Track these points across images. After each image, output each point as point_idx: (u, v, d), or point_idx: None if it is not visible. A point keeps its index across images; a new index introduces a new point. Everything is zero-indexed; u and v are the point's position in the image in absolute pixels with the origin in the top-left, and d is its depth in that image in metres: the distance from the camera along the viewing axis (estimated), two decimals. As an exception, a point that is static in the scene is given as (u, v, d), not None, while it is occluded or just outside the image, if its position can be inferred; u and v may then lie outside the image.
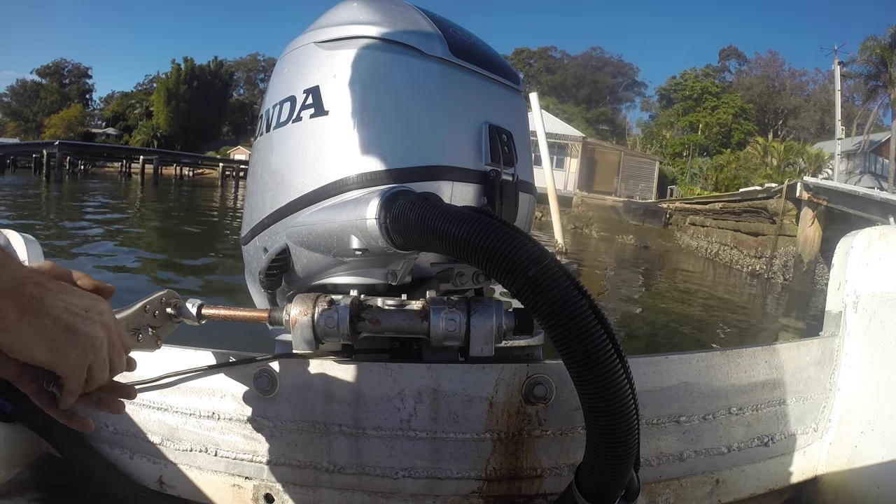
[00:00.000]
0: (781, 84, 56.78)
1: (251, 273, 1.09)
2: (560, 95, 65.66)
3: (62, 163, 29.79)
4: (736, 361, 1.07)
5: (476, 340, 0.87)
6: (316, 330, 0.87)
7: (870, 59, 28.83)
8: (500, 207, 0.95)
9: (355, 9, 0.95)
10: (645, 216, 21.28)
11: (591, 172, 30.91)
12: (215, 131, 65.31)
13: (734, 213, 14.85)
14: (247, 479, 1.03)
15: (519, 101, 1.08)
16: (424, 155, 0.89)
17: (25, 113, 70.45)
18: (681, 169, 40.53)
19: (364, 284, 0.93)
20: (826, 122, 42.25)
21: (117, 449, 1.08)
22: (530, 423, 0.98)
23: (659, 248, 17.87)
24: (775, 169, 28.15)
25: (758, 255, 13.14)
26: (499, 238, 0.70)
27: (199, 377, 1.02)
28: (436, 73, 0.91)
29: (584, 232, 20.82)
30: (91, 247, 8.58)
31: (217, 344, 1.05)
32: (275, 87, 1.01)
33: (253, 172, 1.04)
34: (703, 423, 1.05)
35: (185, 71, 59.82)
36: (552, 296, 0.67)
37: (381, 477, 0.99)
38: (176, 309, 0.84)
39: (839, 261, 1.20)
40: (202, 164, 47.02)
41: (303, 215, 0.91)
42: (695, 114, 52.33)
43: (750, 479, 1.11)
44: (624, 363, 0.70)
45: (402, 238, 0.79)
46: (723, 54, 65.70)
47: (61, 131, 56.83)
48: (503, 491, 1.00)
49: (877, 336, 1.15)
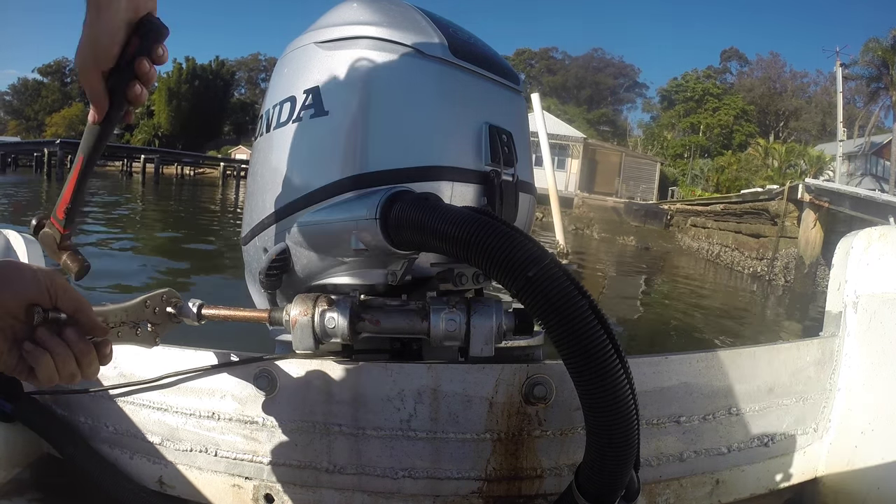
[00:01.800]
0: (783, 86, 56.79)
1: (251, 273, 1.09)
2: (561, 96, 65.67)
3: (63, 161, 29.76)
4: (736, 361, 1.07)
5: (476, 341, 0.87)
6: (316, 330, 0.87)
7: (871, 61, 28.84)
8: (500, 208, 0.95)
9: (355, 9, 0.95)
10: (646, 217, 21.28)
11: (593, 173, 30.93)
12: (216, 131, 65.34)
13: (735, 215, 14.85)
14: (247, 479, 1.03)
15: (519, 102, 1.08)
16: (424, 155, 0.89)
17: (27, 111, 70.59)
18: (682, 170, 40.57)
19: (364, 284, 0.93)
20: (827, 123, 42.19)
21: (117, 449, 1.08)
22: (530, 423, 0.98)
23: (660, 250, 17.85)
24: (776, 171, 28.12)
25: (759, 256, 13.14)
26: (499, 238, 0.70)
27: (199, 377, 1.02)
28: (436, 74, 0.91)
29: (584, 233, 20.81)
30: (91, 246, 8.58)
31: (217, 344, 1.05)
32: (275, 87, 1.01)
33: (253, 172, 1.04)
34: (703, 424, 1.05)
35: (187, 70, 59.82)
36: (552, 296, 0.67)
37: (381, 477, 0.99)
38: (176, 308, 0.84)
39: (839, 261, 1.20)
40: (203, 163, 47.01)
41: (303, 215, 0.91)
42: (696, 115, 52.36)
43: (750, 480, 1.11)
44: (624, 363, 0.70)
45: (402, 238, 0.79)
46: (724, 56, 65.82)
47: (62, 130, 56.98)
48: (503, 491, 1.00)
49: (877, 336, 1.15)
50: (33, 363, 0.58)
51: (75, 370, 0.61)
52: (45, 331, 0.59)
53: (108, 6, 0.67)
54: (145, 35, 0.70)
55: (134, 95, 0.72)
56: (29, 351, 0.58)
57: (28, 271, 0.60)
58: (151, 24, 0.70)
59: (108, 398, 1.06)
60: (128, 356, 1.04)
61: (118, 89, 0.71)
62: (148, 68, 0.71)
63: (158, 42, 0.71)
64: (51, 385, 0.60)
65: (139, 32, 0.70)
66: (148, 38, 0.70)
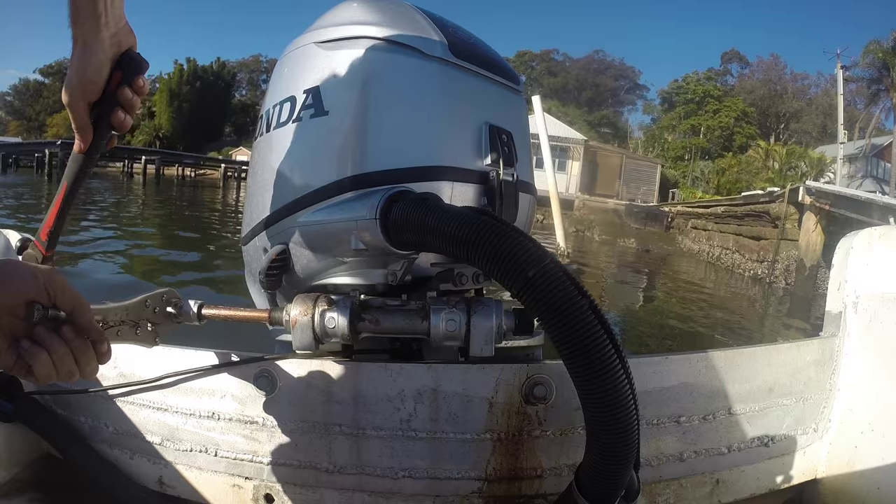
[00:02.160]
0: (783, 87, 56.79)
1: (251, 273, 1.09)
2: (562, 98, 65.66)
3: (64, 162, 29.76)
4: (736, 361, 1.07)
5: (476, 341, 0.87)
6: (316, 330, 0.87)
7: (872, 62, 28.88)
8: (500, 208, 0.95)
9: (355, 9, 0.95)
10: (647, 219, 21.26)
11: (593, 175, 30.92)
12: (217, 132, 65.32)
13: (736, 217, 14.83)
14: (247, 480, 1.03)
15: (519, 102, 1.08)
16: (424, 155, 0.89)
17: (28, 112, 70.70)
18: (682, 172, 40.56)
19: (364, 284, 0.93)
20: (828, 125, 42.18)
21: (117, 449, 1.08)
22: (530, 423, 0.98)
23: (660, 252, 17.84)
24: (777, 173, 28.10)
25: (760, 259, 13.12)
26: (499, 238, 0.70)
27: (199, 377, 1.02)
28: (436, 74, 0.91)
29: (585, 235, 20.80)
30: (92, 246, 8.58)
31: (217, 344, 1.05)
32: (275, 87, 1.01)
33: (253, 172, 1.04)
34: (703, 424, 1.05)
35: (188, 71, 59.83)
36: (552, 296, 0.67)
37: (381, 477, 0.99)
38: (176, 308, 0.84)
39: (839, 261, 1.20)
40: (204, 164, 47.00)
41: (303, 215, 0.91)
42: (697, 117, 52.28)
43: (750, 480, 1.11)
44: (624, 363, 0.70)
45: (403, 238, 0.79)
46: (725, 58, 65.73)
47: (63, 131, 56.83)
48: (503, 491, 1.00)
49: (877, 336, 1.15)
50: (31, 360, 0.58)
51: (73, 368, 0.61)
52: (43, 329, 0.59)
53: (93, 42, 0.74)
54: (127, 68, 0.77)
55: (118, 122, 0.79)
56: (26, 348, 0.58)
57: (26, 269, 0.60)
58: (132, 58, 0.78)
59: (108, 398, 1.06)
60: (128, 356, 1.04)
61: (103, 119, 0.78)
62: (130, 96, 0.79)
63: (139, 74, 0.79)
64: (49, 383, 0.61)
65: (121, 66, 0.77)
66: (130, 71, 0.78)
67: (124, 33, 0.78)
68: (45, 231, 0.87)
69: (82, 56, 0.75)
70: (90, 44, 0.74)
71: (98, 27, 0.74)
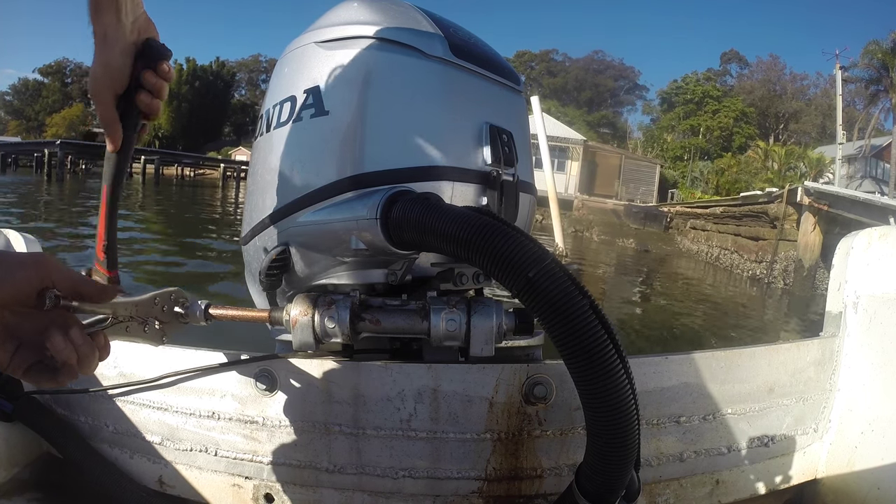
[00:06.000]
0: (783, 88, 56.86)
1: (251, 273, 1.09)
2: (561, 98, 65.76)
3: (63, 162, 29.84)
4: (736, 362, 1.07)
5: (476, 340, 0.87)
6: (316, 330, 0.87)
7: (871, 63, 28.86)
8: (501, 208, 0.95)
9: (355, 9, 0.95)
10: (646, 220, 21.26)
11: (592, 175, 30.96)
12: (217, 132, 65.40)
13: (735, 218, 14.83)
14: (247, 479, 1.03)
15: (519, 102, 1.08)
16: (425, 155, 0.89)
17: (27, 112, 70.68)
18: (682, 172, 40.59)
19: (364, 284, 0.93)
20: (827, 126, 42.26)
21: (117, 449, 1.08)
22: (530, 423, 0.98)
23: (659, 252, 17.84)
24: (776, 173, 28.13)
25: (758, 259, 13.13)
26: (499, 238, 0.70)
27: (199, 377, 1.02)
28: (436, 74, 0.91)
29: (584, 235, 20.81)
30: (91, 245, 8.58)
31: (217, 344, 1.05)
32: (275, 86, 1.01)
33: (253, 172, 1.04)
34: (703, 424, 1.05)
35: (188, 71, 59.87)
36: (553, 296, 0.67)
37: (381, 477, 0.99)
38: (184, 308, 0.84)
39: (839, 261, 1.21)
40: (203, 164, 47.04)
41: (303, 215, 0.91)
42: (696, 117, 52.38)
43: (750, 480, 1.11)
44: (624, 363, 0.70)
45: (403, 238, 0.79)
46: (724, 58, 65.90)
47: (63, 130, 56.98)
48: (503, 491, 1.00)
49: (877, 336, 1.15)
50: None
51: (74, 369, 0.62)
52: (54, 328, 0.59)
53: (114, 32, 0.76)
54: (150, 56, 0.79)
55: (146, 105, 0.80)
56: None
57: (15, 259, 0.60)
58: (154, 46, 0.79)
59: (108, 398, 1.06)
60: (128, 356, 1.04)
61: (131, 110, 0.79)
62: (155, 80, 0.79)
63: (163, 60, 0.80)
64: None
65: (144, 55, 0.78)
66: (153, 58, 0.79)
67: (143, 21, 0.79)
68: (100, 248, 0.87)
69: (104, 47, 0.76)
70: (111, 35, 0.75)
71: (119, 18, 0.75)
